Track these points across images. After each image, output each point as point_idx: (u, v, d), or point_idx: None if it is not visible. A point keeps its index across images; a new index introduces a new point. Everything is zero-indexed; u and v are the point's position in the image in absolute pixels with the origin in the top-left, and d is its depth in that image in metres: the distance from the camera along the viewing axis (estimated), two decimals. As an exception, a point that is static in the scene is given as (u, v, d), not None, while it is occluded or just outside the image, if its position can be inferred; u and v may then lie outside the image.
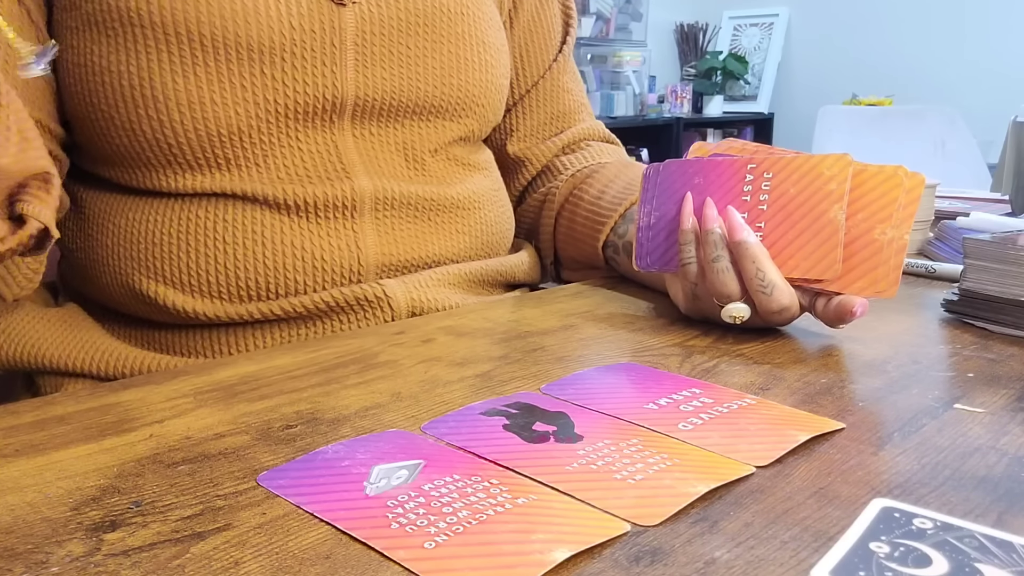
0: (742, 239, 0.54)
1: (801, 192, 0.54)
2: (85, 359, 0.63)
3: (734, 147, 0.60)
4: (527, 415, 0.43)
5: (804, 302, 0.55)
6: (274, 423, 0.42)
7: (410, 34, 0.66)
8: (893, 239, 0.52)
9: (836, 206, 0.53)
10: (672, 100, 4.16)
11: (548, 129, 0.83)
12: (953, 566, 0.29)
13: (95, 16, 0.59)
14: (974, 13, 3.63)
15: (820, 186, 0.54)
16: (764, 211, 0.55)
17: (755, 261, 0.54)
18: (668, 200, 0.59)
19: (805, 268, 0.54)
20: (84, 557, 0.30)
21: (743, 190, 0.56)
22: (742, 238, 0.54)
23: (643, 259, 0.60)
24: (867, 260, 0.53)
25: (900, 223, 0.52)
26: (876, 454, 0.39)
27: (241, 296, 0.62)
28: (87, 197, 0.65)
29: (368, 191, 0.64)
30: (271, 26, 0.59)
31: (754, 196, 0.56)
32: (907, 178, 0.52)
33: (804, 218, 0.54)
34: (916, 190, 0.52)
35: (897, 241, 0.52)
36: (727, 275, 0.55)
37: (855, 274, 0.53)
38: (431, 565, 0.30)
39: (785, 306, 0.54)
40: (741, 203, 0.56)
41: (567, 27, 0.85)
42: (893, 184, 0.52)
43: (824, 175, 0.54)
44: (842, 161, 0.53)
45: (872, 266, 0.53)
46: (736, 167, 0.56)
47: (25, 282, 0.58)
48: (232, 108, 0.59)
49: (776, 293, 0.54)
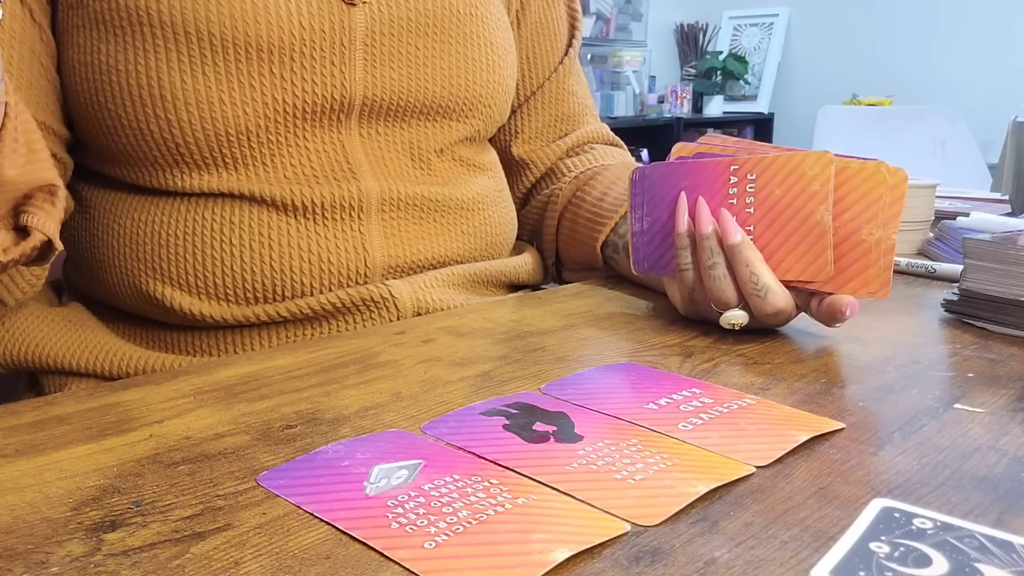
0: (735, 242, 0.54)
1: (786, 194, 0.54)
2: (89, 358, 0.63)
3: (714, 143, 0.59)
4: (527, 415, 0.43)
5: (799, 302, 0.56)
6: (274, 423, 0.42)
7: (419, 34, 0.66)
8: (881, 239, 0.52)
9: (822, 207, 0.53)
10: (672, 100, 4.16)
11: (553, 131, 0.83)
12: (953, 566, 0.29)
13: (102, 15, 0.58)
14: (974, 13, 3.63)
15: (804, 187, 0.53)
16: (752, 214, 0.55)
17: (749, 264, 0.54)
18: (658, 204, 0.59)
19: (798, 271, 0.54)
20: (84, 557, 0.30)
21: (729, 193, 0.56)
22: (735, 241, 0.54)
23: (640, 264, 0.61)
24: (857, 261, 0.53)
25: (886, 223, 0.52)
26: (876, 454, 0.39)
27: (248, 298, 0.62)
28: (93, 196, 0.65)
29: (375, 192, 0.64)
30: (281, 26, 0.59)
31: (740, 199, 0.55)
32: (890, 175, 0.52)
33: (792, 220, 0.54)
34: (900, 187, 0.52)
35: (885, 241, 0.52)
36: (724, 282, 0.55)
37: (847, 275, 0.53)
38: (431, 565, 0.30)
39: (780, 308, 0.54)
40: (728, 206, 0.56)
41: (573, 30, 0.85)
42: (876, 182, 0.52)
43: (807, 175, 0.53)
44: (823, 160, 0.53)
45: (863, 267, 0.53)
46: (720, 169, 0.56)
47: (28, 288, 0.58)
48: (240, 108, 0.59)
49: (771, 296, 0.54)
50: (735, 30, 4.39)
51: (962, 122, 2.85)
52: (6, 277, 0.56)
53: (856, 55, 4.00)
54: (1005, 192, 1.31)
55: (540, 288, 0.78)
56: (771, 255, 0.55)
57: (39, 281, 0.59)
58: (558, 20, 0.84)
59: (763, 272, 0.54)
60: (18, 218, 0.48)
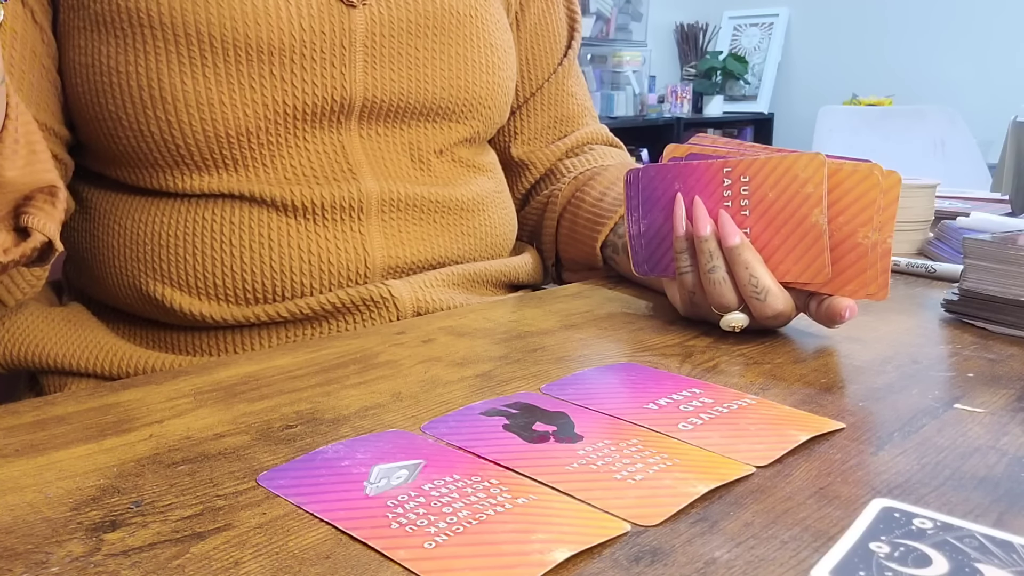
0: (735, 244, 0.54)
1: (780, 196, 0.54)
2: (89, 358, 0.63)
3: (705, 143, 0.59)
4: (527, 415, 0.43)
5: (798, 303, 0.56)
6: (274, 423, 0.42)
7: (419, 36, 0.66)
8: (877, 243, 0.52)
9: (816, 210, 0.53)
10: (672, 100, 4.16)
11: (552, 133, 0.83)
12: (953, 566, 0.29)
13: (103, 16, 0.58)
14: (974, 13, 3.63)
15: (797, 189, 0.53)
16: (747, 216, 0.55)
17: (748, 267, 0.54)
18: (654, 207, 0.59)
19: (796, 272, 0.54)
20: (84, 557, 0.30)
21: (723, 195, 0.55)
22: (735, 243, 0.54)
23: (640, 265, 0.61)
24: (855, 264, 0.53)
25: (882, 226, 0.52)
26: (876, 454, 0.39)
27: (248, 299, 0.62)
28: (93, 197, 0.65)
29: (375, 193, 0.64)
30: (281, 27, 0.59)
31: (735, 201, 0.55)
32: (883, 178, 0.51)
33: (787, 223, 0.54)
34: (893, 190, 0.52)
35: (882, 245, 0.52)
36: (724, 286, 0.55)
37: (844, 277, 0.53)
38: (431, 565, 0.30)
39: (780, 311, 0.54)
40: (723, 208, 0.55)
41: (572, 31, 0.85)
42: (870, 185, 0.52)
43: (800, 177, 0.53)
44: (815, 162, 0.53)
45: (860, 269, 0.53)
46: (712, 171, 0.56)
47: (28, 288, 0.58)
48: (240, 109, 0.59)
49: (770, 299, 0.54)
50: (735, 30, 4.39)
51: (962, 122, 2.85)
52: (6, 278, 0.56)
53: (856, 55, 4.00)
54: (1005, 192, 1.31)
55: (540, 288, 0.78)
56: (769, 257, 0.55)
57: (39, 282, 0.59)
58: (557, 22, 0.84)
59: (762, 274, 0.54)
60: (18, 219, 0.48)
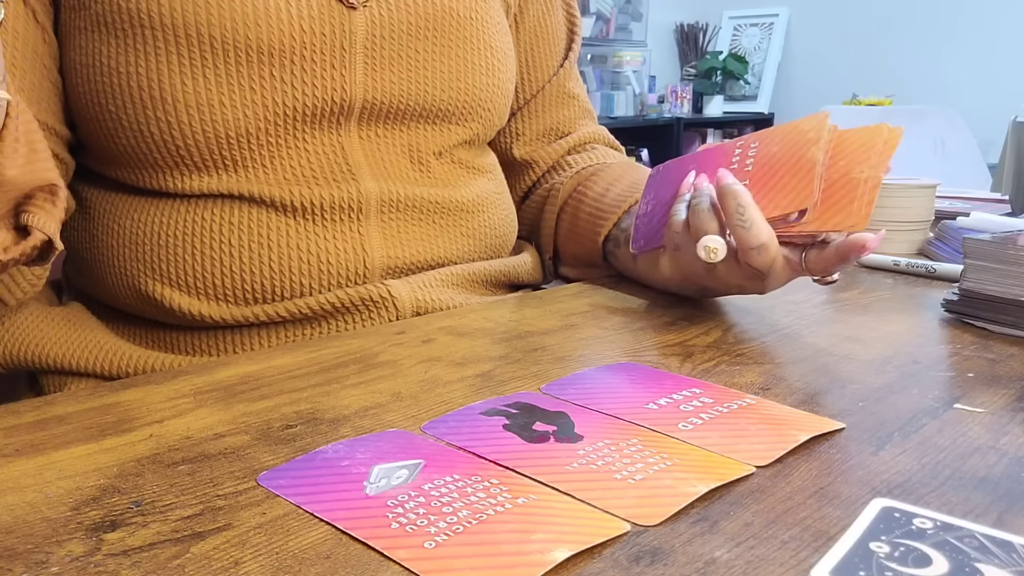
0: (727, 183, 0.55)
1: (783, 148, 0.57)
2: (89, 358, 0.63)
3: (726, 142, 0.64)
4: (527, 415, 0.43)
5: (794, 258, 0.56)
6: (274, 423, 0.42)
7: (419, 38, 0.66)
8: (869, 177, 0.53)
9: (814, 147, 0.55)
10: (672, 100, 4.16)
11: (553, 134, 0.84)
12: (953, 566, 0.29)
13: (104, 17, 0.59)
14: (974, 13, 3.63)
15: (798, 137, 0.57)
16: (750, 171, 0.58)
17: (736, 198, 0.54)
18: (666, 188, 0.63)
19: (784, 204, 0.55)
20: (84, 557, 0.30)
21: (731, 162, 0.60)
22: (727, 182, 0.55)
23: (637, 242, 0.64)
24: (843, 197, 0.54)
25: (877, 164, 0.54)
26: (876, 454, 0.39)
27: (247, 299, 0.62)
28: (93, 197, 0.65)
29: (374, 194, 0.64)
30: (281, 29, 0.59)
31: (741, 162, 0.59)
32: (888, 130, 0.55)
33: (784, 164, 0.57)
34: (895, 139, 0.54)
35: (872, 179, 0.53)
36: (707, 215, 0.56)
37: (831, 211, 0.54)
38: (431, 565, 0.30)
39: (763, 243, 0.54)
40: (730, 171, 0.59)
41: (572, 34, 0.85)
42: (875, 132, 0.55)
43: (802, 128, 0.57)
44: (819, 116, 0.57)
45: (847, 202, 0.54)
46: (725, 149, 0.61)
47: (28, 288, 0.58)
48: (240, 110, 0.59)
49: (755, 229, 0.54)
50: (735, 30, 4.39)
51: (962, 122, 2.85)
52: (6, 277, 0.56)
53: (856, 55, 4.00)
54: (1005, 192, 1.31)
55: (540, 288, 0.78)
56: (761, 196, 0.56)
57: (40, 281, 0.59)
58: (556, 24, 0.84)
59: (749, 205, 0.54)
60: (19, 217, 0.48)
